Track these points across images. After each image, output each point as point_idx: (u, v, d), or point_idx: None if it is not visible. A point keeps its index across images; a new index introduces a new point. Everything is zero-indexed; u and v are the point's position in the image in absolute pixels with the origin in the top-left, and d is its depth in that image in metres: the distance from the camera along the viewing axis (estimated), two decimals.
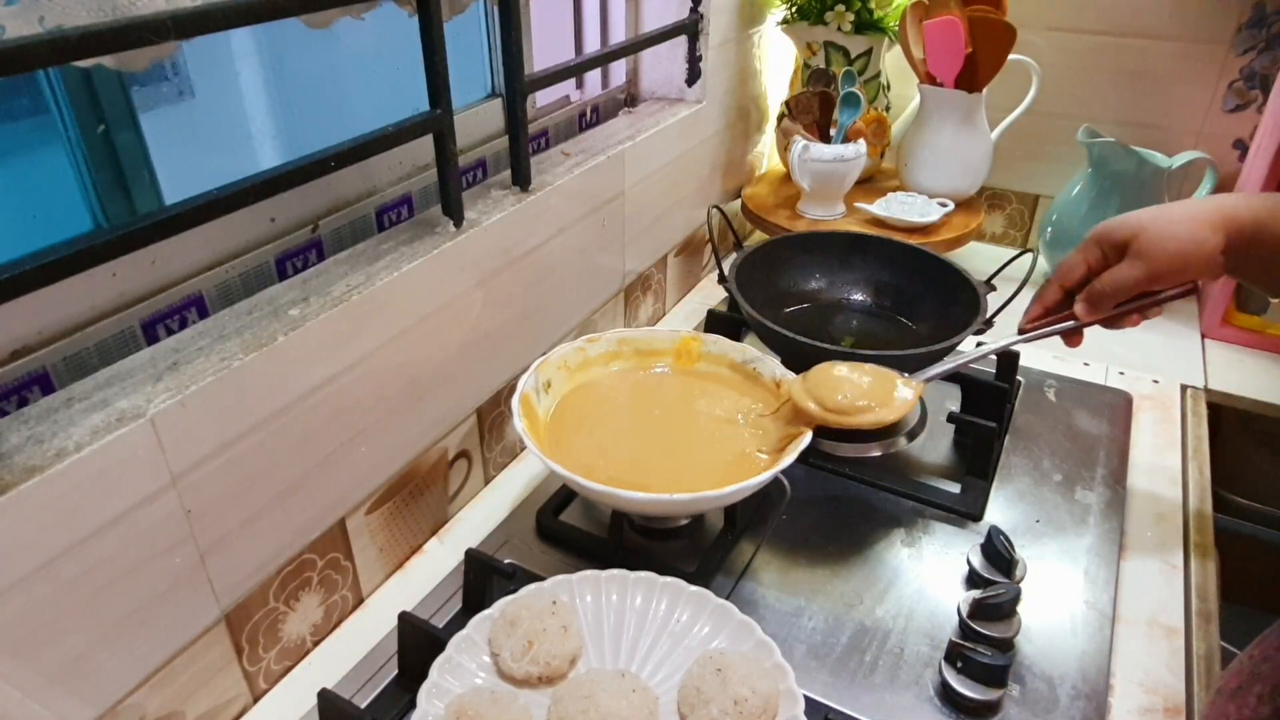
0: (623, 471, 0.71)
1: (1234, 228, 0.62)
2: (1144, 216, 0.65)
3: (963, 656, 0.60)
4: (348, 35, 0.63)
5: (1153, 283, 0.65)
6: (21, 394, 0.53)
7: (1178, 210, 0.64)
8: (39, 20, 0.42)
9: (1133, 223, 0.65)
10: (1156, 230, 0.63)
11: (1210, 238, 0.62)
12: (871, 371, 0.72)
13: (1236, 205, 0.63)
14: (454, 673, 0.56)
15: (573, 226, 0.86)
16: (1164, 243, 0.63)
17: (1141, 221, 0.65)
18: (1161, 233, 0.63)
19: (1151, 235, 0.63)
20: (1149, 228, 0.64)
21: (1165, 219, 0.64)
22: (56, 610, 0.46)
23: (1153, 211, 0.65)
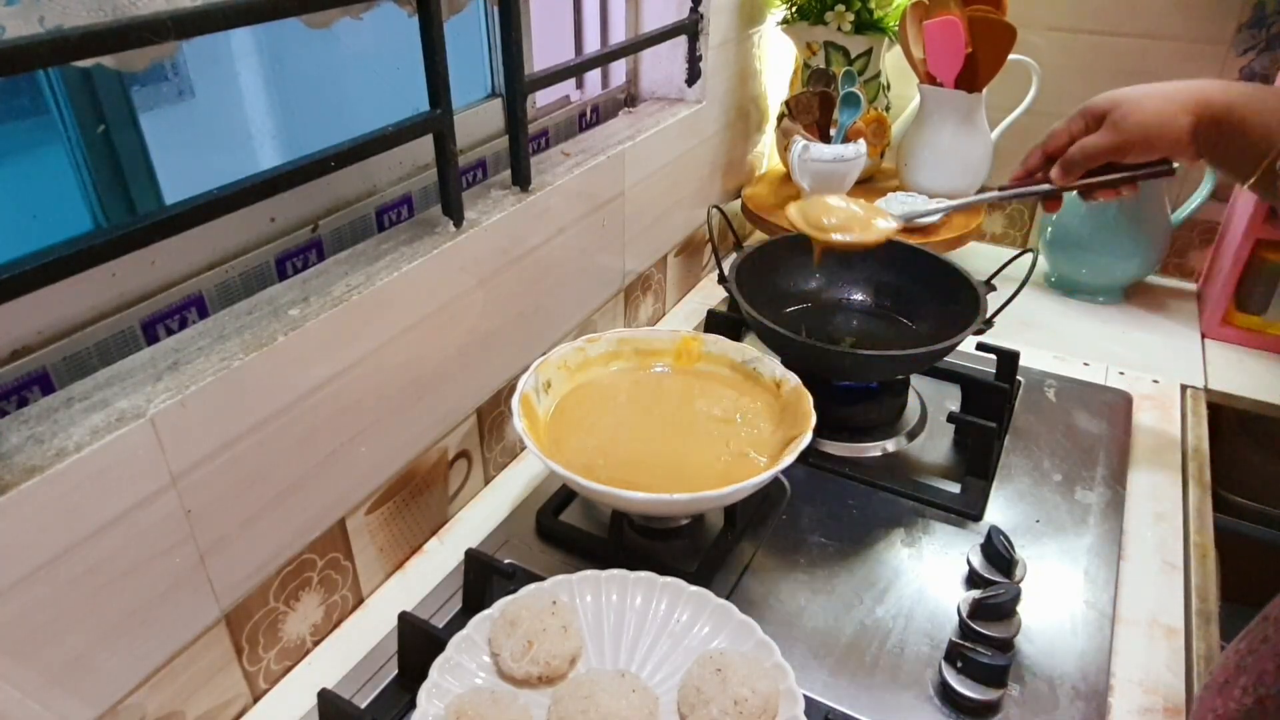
0: (623, 471, 0.71)
1: (1205, 111, 0.64)
2: (1126, 91, 0.69)
3: (963, 656, 0.60)
4: (347, 35, 0.63)
5: (1121, 153, 0.68)
6: (21, 394, 0.53)
7: (1157, 88, 0.67)
8: (39, 20, 0.42)
9: (1114, 95, 0.69)
10: (1130, 104, 0.67)
11: (1179, 116, 0.65)
12: (861, 205, 0.81)
13: (1212, 90, 0.65)
14: (454, 673, 0.56)
15: (573, 226, 0.86)
16: (1134, 115, 0.66)
17: (1120, 95, 0.68)
18: (1134, 106, 0.67)
19: (1124, 108, 0.67)
20: (1124, 102, 0.68)
21: (1142, 94, 0.67)
22: (56, 610, 0.46)
23: (1137, 88, 0.69)
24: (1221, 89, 0.65)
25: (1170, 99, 0.66)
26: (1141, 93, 0.68)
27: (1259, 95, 0.64)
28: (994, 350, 0.92)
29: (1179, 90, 0.66)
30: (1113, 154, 0.69)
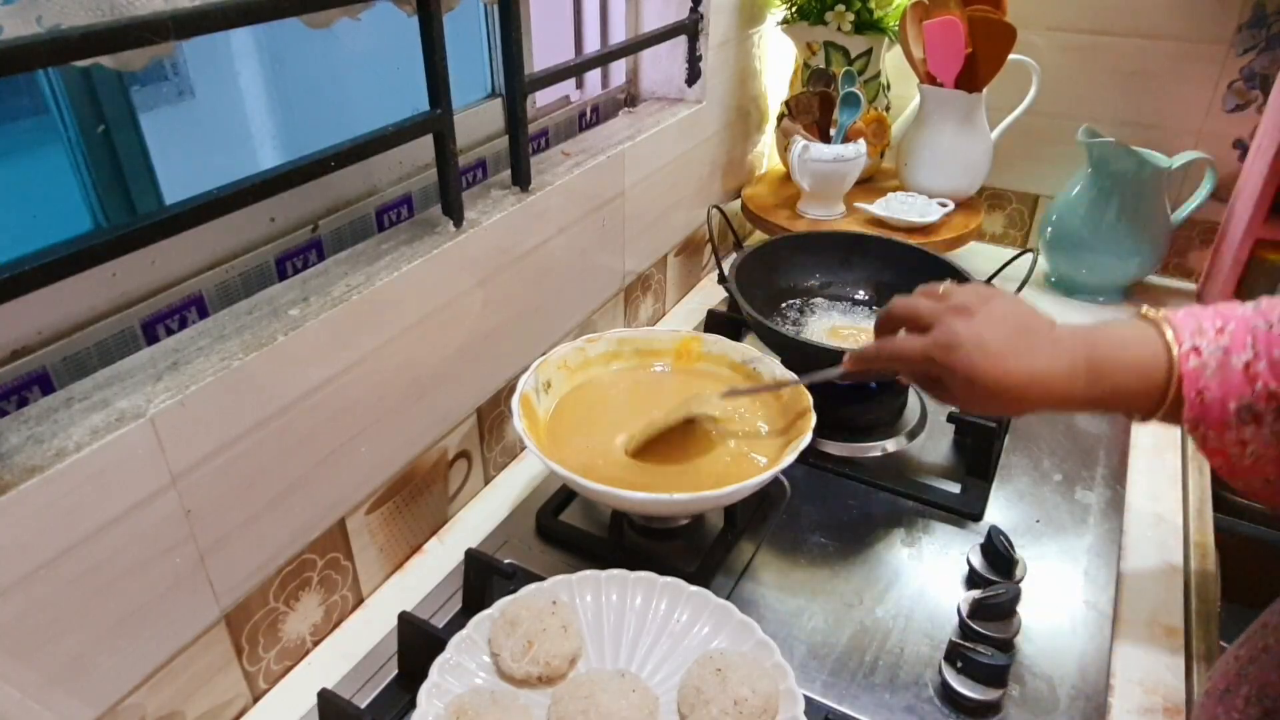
0: (623, 471, 0.71)
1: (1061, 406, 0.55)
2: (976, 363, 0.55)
3: (963, 656, 0.60)
4: (347, 35, 0.63)
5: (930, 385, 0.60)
6: (21, 394, 0.53)
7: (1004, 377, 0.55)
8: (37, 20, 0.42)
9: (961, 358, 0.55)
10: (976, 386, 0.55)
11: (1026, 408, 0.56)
12: None
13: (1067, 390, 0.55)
14: (454, 673, 0.56)
15: (573, 226, 0.86)
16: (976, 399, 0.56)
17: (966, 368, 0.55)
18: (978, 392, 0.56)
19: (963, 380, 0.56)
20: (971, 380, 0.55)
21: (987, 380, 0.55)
22: (56, 610, 0.46)
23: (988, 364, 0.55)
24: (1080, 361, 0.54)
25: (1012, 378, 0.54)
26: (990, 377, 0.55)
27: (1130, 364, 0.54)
28: None
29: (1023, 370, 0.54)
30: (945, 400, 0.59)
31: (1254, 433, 0.50)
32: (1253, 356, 0.51)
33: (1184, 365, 0.52)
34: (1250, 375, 0.51)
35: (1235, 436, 0.51)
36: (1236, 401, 0.51)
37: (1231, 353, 0.52)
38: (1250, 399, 0.50)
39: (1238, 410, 0.51)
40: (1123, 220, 1.10)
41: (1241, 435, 0.51)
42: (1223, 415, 0.51)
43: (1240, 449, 0.51)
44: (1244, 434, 0.51)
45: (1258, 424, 0.50)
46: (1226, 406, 0.51)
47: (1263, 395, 0.50)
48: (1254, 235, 1.02)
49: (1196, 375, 0.52)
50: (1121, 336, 0.55)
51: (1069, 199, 1.14)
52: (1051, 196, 1.23)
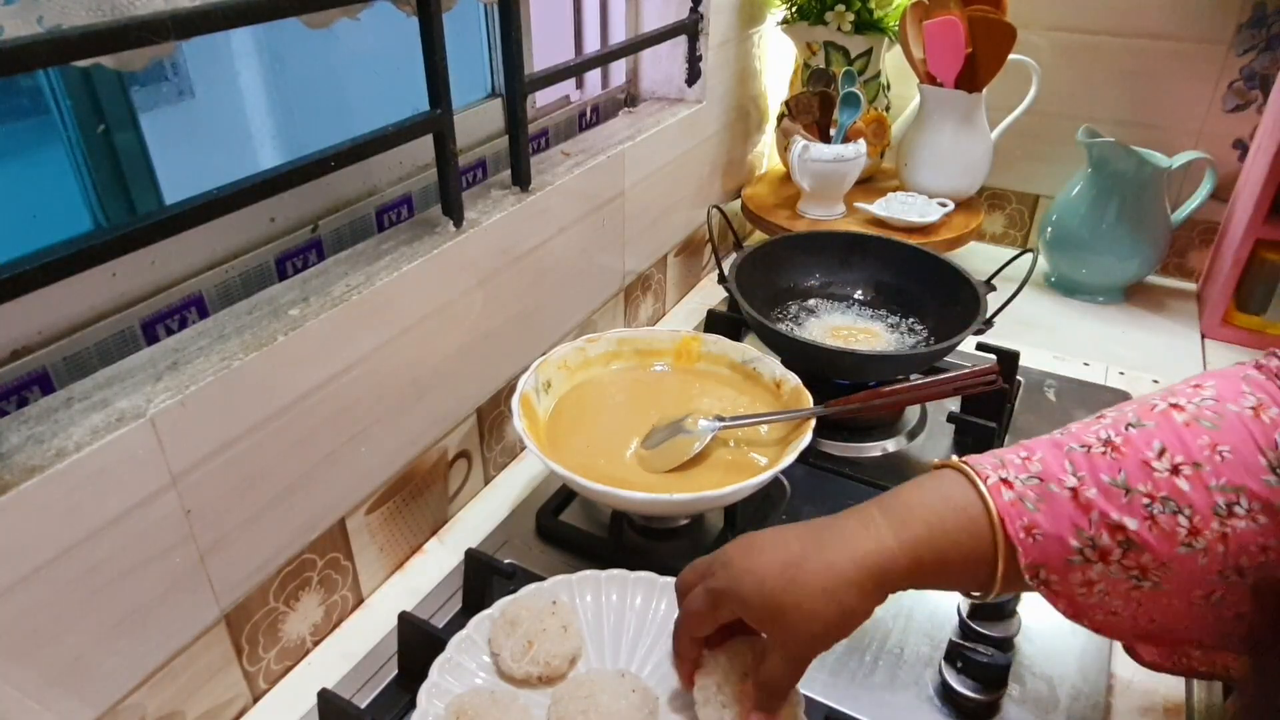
0: (623, 471, 0.71)
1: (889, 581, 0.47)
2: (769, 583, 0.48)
3: (963, 656, 0.60)
4: (347, 35, 0.63)
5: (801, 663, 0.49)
6: (21, 394, 0.53)
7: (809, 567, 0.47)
8: (37, 20, 0.42)
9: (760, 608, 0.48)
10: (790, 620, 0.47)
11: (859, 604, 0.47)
12: None
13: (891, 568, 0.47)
14: (454, 673, 0.56)
15: (573, 226, 0.86)
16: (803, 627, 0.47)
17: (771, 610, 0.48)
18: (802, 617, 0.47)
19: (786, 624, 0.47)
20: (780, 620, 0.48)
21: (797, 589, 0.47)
22: (56, 610, 0.46)
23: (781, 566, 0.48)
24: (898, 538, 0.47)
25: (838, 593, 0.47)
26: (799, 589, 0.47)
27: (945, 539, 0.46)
28: (994, 350, 0.92)
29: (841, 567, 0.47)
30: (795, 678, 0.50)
31: (1101, 571, 0.44)
32: (1077, 483, 0.45)
33: (997, 500, 0.45)
34: (1081, 504, 0.44)
35: (1081, 578, 0.44)
36: (1076, 538, 0.44)
37: (1047, 480, 0.45)
38: (1091, 533, 0.44)
39: (1079, 549, 0.44)
40: (1123, 220, 1.10)
41: (1087, 575, 0.44)
42: (1063, 554, 0.44)
43: (1087, 589, 0.45)
44: (1090, 573, 0.44)
45: (1104, 561, 0.44)
46: (1066, 543, 0.44)
47: (1103, 525, 0.43)
48: (1254, 235, 1.02)
49: (1016, 510, 0.45)
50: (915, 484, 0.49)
51: (1069, 199, 1.14)
52: (1051, 196, 1.23)
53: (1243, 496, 0.42)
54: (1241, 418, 0.44)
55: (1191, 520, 0.43)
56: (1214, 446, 0.43)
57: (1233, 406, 0.44)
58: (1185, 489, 0.43)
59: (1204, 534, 0.42)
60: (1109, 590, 0.45)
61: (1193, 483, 0.43)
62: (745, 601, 0.48)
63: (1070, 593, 0.45)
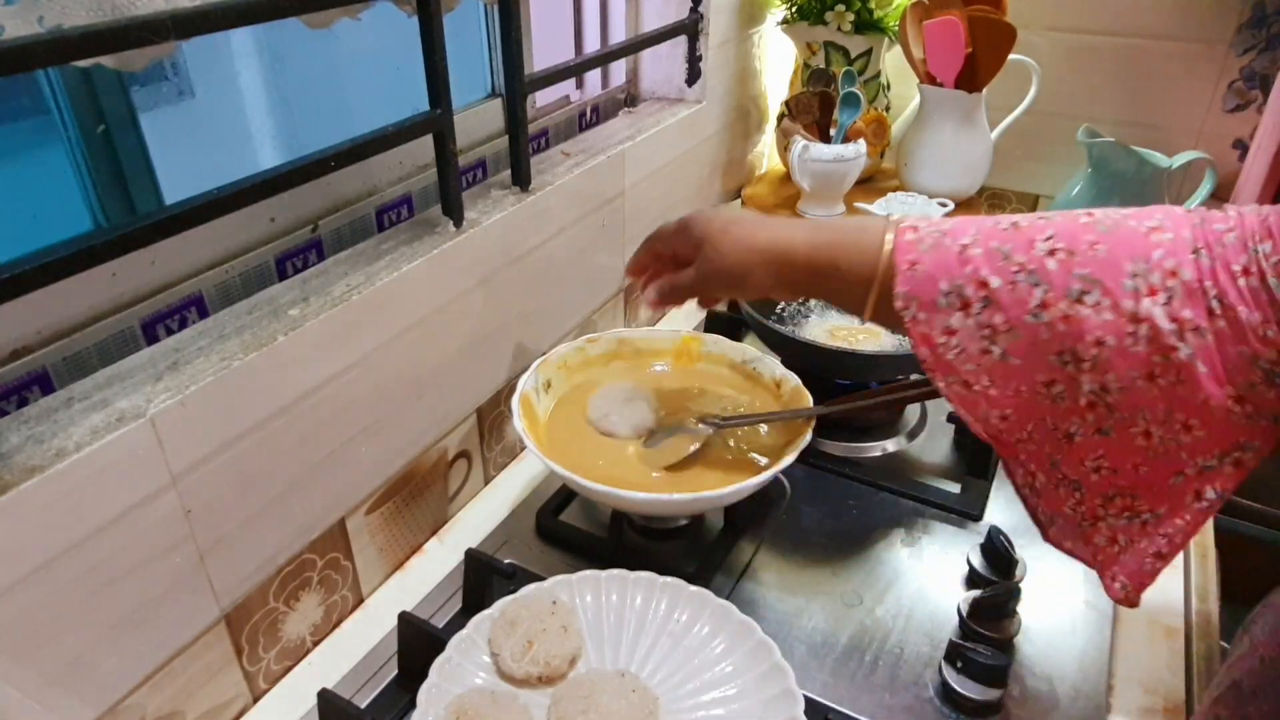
0: (623, 472, 0.71)
1: (785, 271, 0.59)
2: (718, 224, 0.62)
3: (963, 656, 0.60)
4: (347, 35, 0.63)
5: (707, 292, 0.64)
6: (21, 394, 0.53)
7: (745, 230, 0.60)
8: (38, 20, 0.42)
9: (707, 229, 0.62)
10: (714, 246, 0.61)
11: (758, 270, 0.59)
12: None
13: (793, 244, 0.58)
14: (454, 673, 0.56)
15: (573, 226, 0.86)
16: (716, 260, 0.61)
17: (711, 230, 0.61)
18: (717, 249, 0.61)
19: (709, 248, 0.61)
20: (710, 240, 0.61)
21: (727, 237, 0.60)
22: (56, 610, 0.46)
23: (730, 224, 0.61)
24: (802, 240, 0.58)
25: (751, 248, 0.59)
26: (730, 237, 0.60)
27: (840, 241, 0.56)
28: None
29: (761, 241, 0.59)
30: (699, 293, 0.64)
31: (960, 321, 0.49)
32: (970, 241, 0.51)
33: (900, 238, 0.53)
34: (964, 258, 0.50)
35: (942, 322, 0.50)
36: (948, 282, 0.50)
37: (948, 236, 0.52)
38: (961, 281, 0.50)
39: (947, 292, 0.50)
40: None
41: (948, 321, 0.50)
42: (932, 293, 0.50)
43: (947, 338, 0.50)
44: (951, 320, 0.50)
45: (965, 311, 0.49)
46: (937, 284, 0.50)
47: (972, 279, 0.49)
48: None
49: (910, 247, 0.52)
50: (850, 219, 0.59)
51: (1069, 199, 1.14)
52: (1051, 196, 1.23)
53: (1097, 289, 0.46)
54: (1134, 231, 0.47)
55: (1045, 294, 0.47)
56: (1093, 244, 0.47)
57: (1133, 223, 0.48)
58: (1051, 268, 0.47)
59: (1051, 309, 0.47)
60: (964, 348, 0.50)
61: (1060, 265, 0.47)
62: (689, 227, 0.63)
63: (932, 338, 0.51)
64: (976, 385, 0.50)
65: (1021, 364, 0.49)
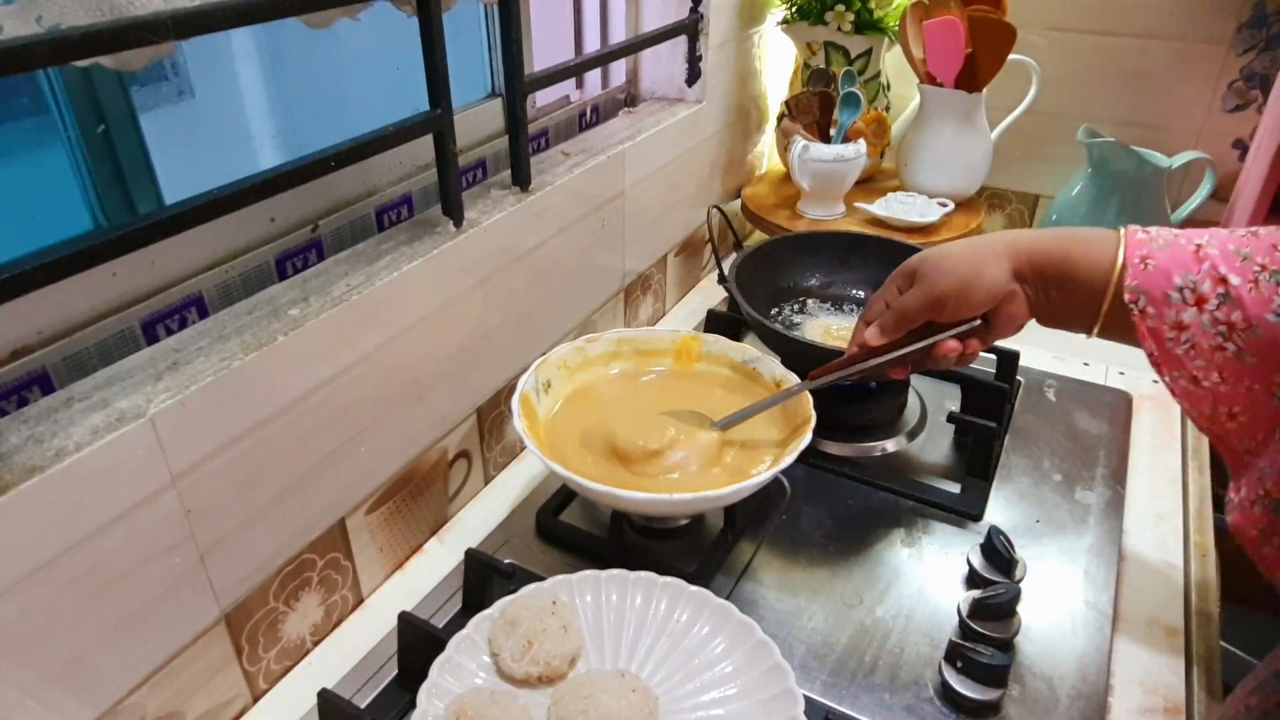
0: (623, 472, 0.71)
1: (1017, 253, 0.60)
2: (933, 248, 0.64)
3: (963, 656, 0.60)
4: (347, 35, 0.63)
5: (936, 307, 0.62)
6: (21, 394, 0.53)
7: (965, 241, 0.63)
8: (37, 20, 0.42)
9: (921, 254, 0.64)
10: (936, 256, 0.62)
11: (992, 263, 0.60)
12: (676, 417, 0.74)
13: (1022, 234, 0.61)
14: (454, 673, 0.56)
15: (573, 226, 0.86)
16: (943, 265, 0.61)
17: (927, 252, 0.64)
18: (941, 258, 0.62)
19: (932, 261, 0.62)
20: (931, 255, 0.63)
21: (949, 247, 0.63)
22: (56, 610, 0.46)
23: (943, 245, 0.64)
24: (1030, 233, 0.60)
25: (976, 248, 0.61)
26: (948, 246, 0.63)
27: (1073, 233, 0.59)
28: (994, 350, 0.92)
29: (989, 238, 0.61)
30: (928, 310, 0.62)
31: (1193, 316, 0.50)
32: (1205, 242, 0.51)
33: (1131, 236, 0.54)
34: (1200, 256, 0.51)
35: (1174, 317, 0.51)
36: (1181, 277, 0.50)
37: (1182, 236, 0.53)
38: (1196, 277, 0.50)
39: (1181, 287, 0.50)
40: (1122, 220, 1.09)
41: (1180, 316, 0.50)
42: (1164, 288, 0.51)
43: (1176, 333, 0.50)
44: (1183, 315, 0.50)
45: (1199, 307, 0.49)
46: (1170, 279, 0.51)
47: (1210, 275, 0.50)
48: None
49: (1142, 244, 0.53)
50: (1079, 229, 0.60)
51: (1069, 199, 1.14)
52: (1051, 196, 1.23)
53: None
54: None
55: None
56: None
57: None
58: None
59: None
60: (1195, 342, 0.50)
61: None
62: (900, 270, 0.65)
63: (1161, 333, 0.51)
64: (1206, 381, 0.51)
65: (1258, 363, 0.49)
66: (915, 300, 0.63)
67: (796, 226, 1.15)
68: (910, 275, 0.64)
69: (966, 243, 0.62)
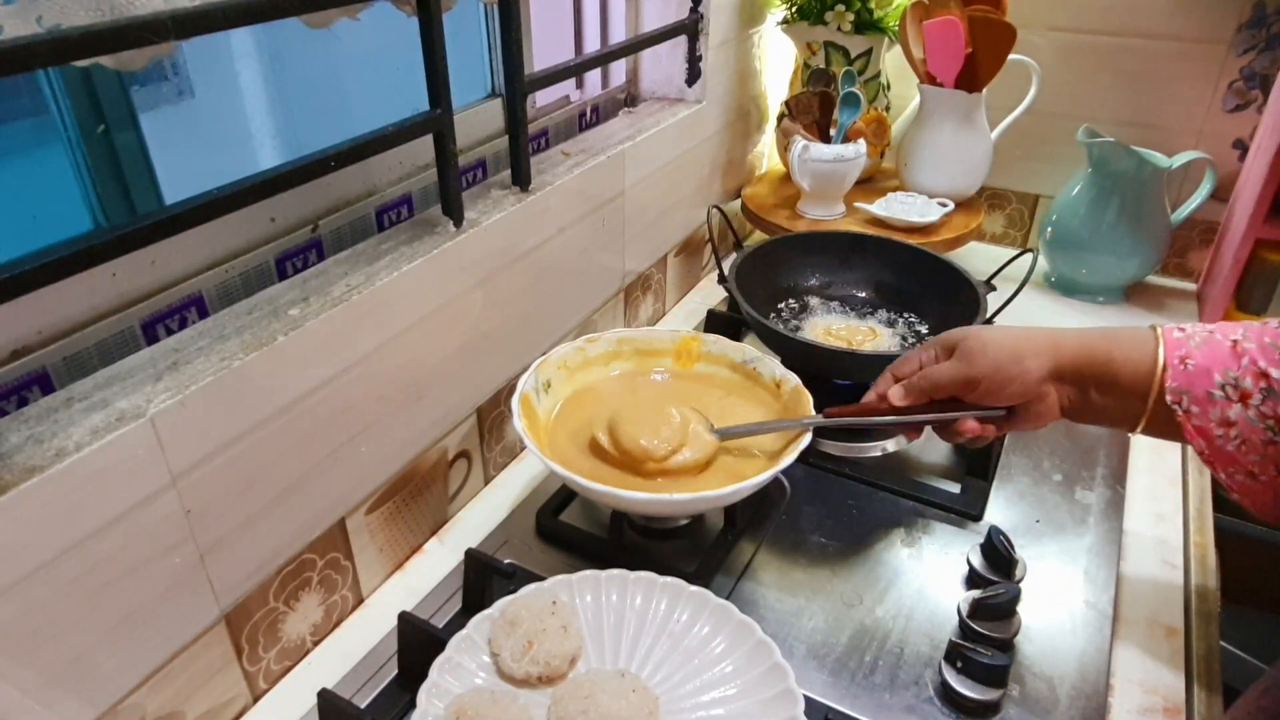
0: (623, 472, 0.71)
1: (1062, 355, 0.60)
2: (980, 328, 0.64)
3: (963, 656, 0.60)
4: (347, 35, 0.63)
5: (968, 387, 0.62)
6: (21, 394, 0.53)
7: (1012, 329, 0.63)
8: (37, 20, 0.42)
9: (965, 330, 0.64)
10: (980, 338, 0.62)
11: (1032, 358, 0.60)
12: (679, 414, 0.73)
13: (1063, 335, 0.60)
14: (454, 673, 0.56)
15: (573, 226, 0.86)
16: (985, 349, 0.61)
17: (973, 330, 0.63)
18: (984, 341, 0.61)
19: (974, 341, 0.62)
20: (975, 335, 0.62)
21: (995, 331, 0.62)
22: (56, 610, 0.46)
23: (990, 327, 0.64)
24: (1074, 336, 0.60)
25: (1022, 339, 0.61)
26: (994, 329, 0.62)
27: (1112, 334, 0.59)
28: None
29: (1032, 333, 0.61)
30: (960, 388, 0.62)
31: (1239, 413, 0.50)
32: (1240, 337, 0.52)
33: (1168, 336, 0.55)
34: (1237, 352, 0.51)
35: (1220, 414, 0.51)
36: (1221, 374, 0.51)
37: (1217, 332, 0.54)
38: (1237, 373, 0.51)
39: (1223, 385, 0.51)
40: (1123, 220, 1.10)
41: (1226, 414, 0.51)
42: (1206, 386, 0.52)
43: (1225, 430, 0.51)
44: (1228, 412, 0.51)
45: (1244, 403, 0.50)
46: (1211, 377, 0.51)
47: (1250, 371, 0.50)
48: (1254, 235, 1.01)
49: (1180, 344, 0.54)
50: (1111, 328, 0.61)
51: (1069, 199, 1.14)
52: (1051, 196, 1.23)
53: None
54: None
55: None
56: None
57: None
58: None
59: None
60: (1245, 438, 0.50)
61: None
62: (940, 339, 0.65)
63: (1209, 431, 0.52)
64: (1263, 476, 0.51)
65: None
66: (949, 375, 0.63)
67: (796, 226, 1.15)
68: (951, 348, 0.64)
69: (1012, 333, 0.62)
